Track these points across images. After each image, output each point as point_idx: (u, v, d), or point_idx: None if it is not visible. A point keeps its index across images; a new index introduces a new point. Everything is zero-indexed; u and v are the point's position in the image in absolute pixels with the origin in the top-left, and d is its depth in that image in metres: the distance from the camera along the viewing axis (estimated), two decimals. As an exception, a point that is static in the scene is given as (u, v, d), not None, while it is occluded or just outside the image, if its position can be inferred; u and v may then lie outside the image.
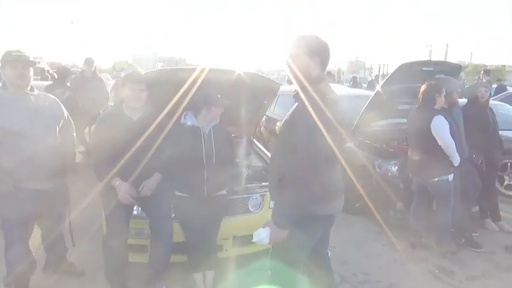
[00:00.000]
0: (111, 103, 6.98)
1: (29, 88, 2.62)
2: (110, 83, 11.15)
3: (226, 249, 3.20)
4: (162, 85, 3.16)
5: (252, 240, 2.13)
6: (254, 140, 4.51)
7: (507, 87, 11.54)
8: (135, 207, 2.99)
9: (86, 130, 6.43)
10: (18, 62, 2.53)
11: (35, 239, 2.91)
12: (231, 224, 3.17)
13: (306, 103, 1.94)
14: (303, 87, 2.00)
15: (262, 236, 2.07)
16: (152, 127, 2.71)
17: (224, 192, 3.09)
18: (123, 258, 2.88)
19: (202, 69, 3.22)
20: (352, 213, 4.59)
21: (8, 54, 2.54)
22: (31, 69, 2.63)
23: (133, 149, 2.66)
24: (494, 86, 11.11)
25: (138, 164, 2.71)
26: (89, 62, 6.69)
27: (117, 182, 2.72)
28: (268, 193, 3.21)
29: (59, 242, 3.08)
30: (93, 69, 6.72)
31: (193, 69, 3.22)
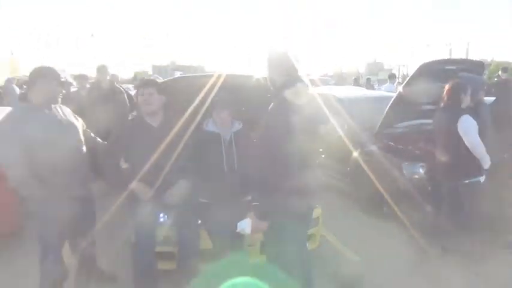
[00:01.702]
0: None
1: None
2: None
3: (252, 256, 3.17)
4: (180, 92, 3.18)
5: (236, 230, 2.30)
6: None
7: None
8: (161, 215, 3.00)
9: None
10: None
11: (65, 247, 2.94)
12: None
13: (273, 110, 2.17)
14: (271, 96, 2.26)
15: (244, 225, 2.26)
16: (172, 134, 2.72)
17: (249, 198, 3.07)
18: (151, 266, 2.89)
19: (219, 75, 3.23)
20: (379, 218, 4.50)
21: None
22: None
23: (155, 156, 2.67)
24: None
25: (161, 172, 2.72)
26: (102, 70, 5.57)
27: (140, 186, 2.76)
28: None
29: (89, 249, 3.10)
30: (108, 78, 5.62)
31: (211, 76, 3.23)
